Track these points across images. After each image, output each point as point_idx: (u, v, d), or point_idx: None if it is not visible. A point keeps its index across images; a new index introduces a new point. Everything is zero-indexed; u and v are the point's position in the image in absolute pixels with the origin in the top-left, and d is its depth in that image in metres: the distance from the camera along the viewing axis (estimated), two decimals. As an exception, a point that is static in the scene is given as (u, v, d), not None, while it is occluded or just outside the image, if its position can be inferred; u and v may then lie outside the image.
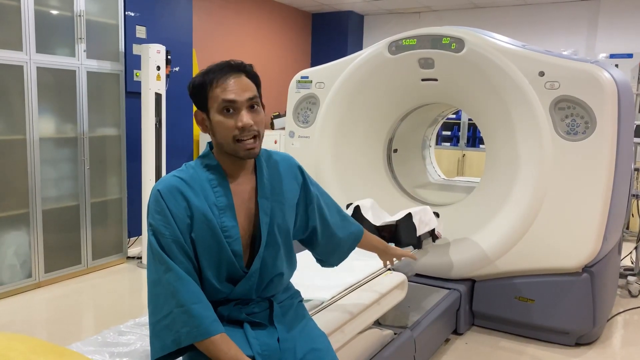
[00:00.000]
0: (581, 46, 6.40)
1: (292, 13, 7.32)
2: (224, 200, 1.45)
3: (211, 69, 1.44)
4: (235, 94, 1.40)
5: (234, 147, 1.42)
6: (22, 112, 3.51)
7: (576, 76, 2.72)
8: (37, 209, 3.63)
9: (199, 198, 1.43)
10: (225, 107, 1.40)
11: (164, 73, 4.16)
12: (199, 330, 1.33)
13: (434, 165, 4.35)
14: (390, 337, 2.34)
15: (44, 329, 3.12)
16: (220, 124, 1.42)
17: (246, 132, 1.41)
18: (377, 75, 3.29)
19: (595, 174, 2.70)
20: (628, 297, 3.73)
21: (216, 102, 1.41)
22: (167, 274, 1.36)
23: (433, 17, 7.25)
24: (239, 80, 1.42)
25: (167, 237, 1.38)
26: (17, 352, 1.06)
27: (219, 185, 1.46)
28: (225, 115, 1.41)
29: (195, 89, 1.45)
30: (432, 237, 2.90)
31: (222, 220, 1.44)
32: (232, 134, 1.41)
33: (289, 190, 1.60)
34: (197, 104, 1.47)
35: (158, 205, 1.40)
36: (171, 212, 1.39)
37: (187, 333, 1.33)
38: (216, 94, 1.41)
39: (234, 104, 1.40)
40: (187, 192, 1.42)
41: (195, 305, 1.35)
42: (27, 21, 3.47)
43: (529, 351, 2.89)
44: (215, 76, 1.42)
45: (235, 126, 1.40)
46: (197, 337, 1.33)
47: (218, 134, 1.44)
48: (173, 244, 1.38)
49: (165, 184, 1.42)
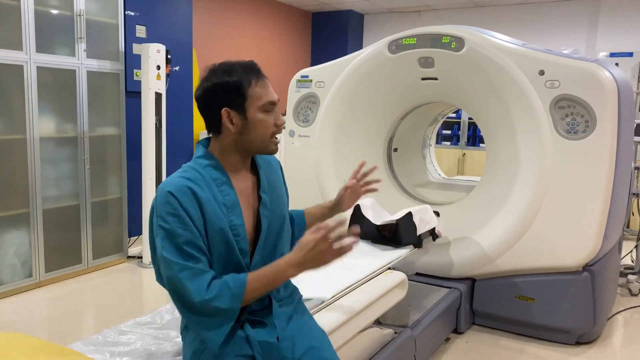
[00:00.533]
0: (581, 45, 6.40)
1: (292, 12, 7.32)
2: (230, 199, 1.47)
3: (235, 68, 1.46)
4: (273, 95, 1.50)
5: (268, 142, 1.50)
6: (22, 112, 3.51)
7: (576, 75, 2.71)
8: (37, 208, 3.63)
9: (208, 198, 1.43)
10: (268, 107, 1.48)
11: (164, 72, 4.16)
12: (239, 282, 1.38)
13: (434, 164, 4.35)
14: (391, 336, 2.34)
15: (45, 329, 3.13)
16: (262, 122, 1.47)
17: (280, 129, 1.53)
18: (377, 75, 3.29)
19: (596, 172, 2.70)
20: (628, 295, 3.73)
21: (259, 101, 1.46)
22: (188, 272, 1.36)
23: (433, 16, 7.25)
24: (268, 82, 1.51)
25: (183, 237, 1.36)
26: (18, 352, 1.06)
27: (224, 184, 1.48)
28: (266, 114, 1.48)
29: (229, 87, 1.44)
30: (433, 236, 2.90)
31: (231, 219, 1.45)
32: (271, 130, 1.50)
33: (280, 185, 1.67)
34: (227, 103, 1.45)
35: (171, 207, 1.37)
36: (188, 213, 1.37)
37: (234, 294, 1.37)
38: (258, 93, 1.46)
39: (274, 105, 1.50)
40: (198, 192, 1.41)
41: (217, 280, 1.39)
42: (27, 21, 3.47)
43: (529, 350, 2.89)
44: (252, 76, 1.46)
45: (275, 124, 1.50)
46: (239, 288, 1.37)
47: (255, 131, 1.47)
48: (190, 245, 1.37)
49: (176, 185, 1.40)
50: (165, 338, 1.76)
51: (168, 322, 1.88)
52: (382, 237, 2.83)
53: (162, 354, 1.65)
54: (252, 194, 1.55)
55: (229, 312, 1.38)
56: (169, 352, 1.66)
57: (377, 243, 2.80)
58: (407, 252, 2.68)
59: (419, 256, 3.09)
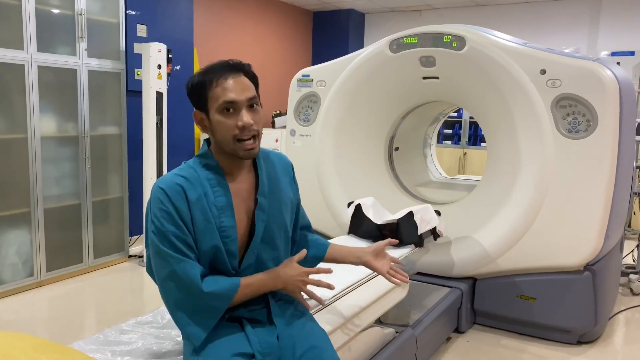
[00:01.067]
0: (583, 44, 6.39)
1: (293, 11, 7.31)
2: (223, 200, 1.46)
3: (210, 68, 1.44)
4: (236, 93, 1.41)
5: (233, 147, 1.43)
6: (23, 111, 3.51)
7: (578, 74, 2.71)
8: (38, 207, 3.64)
9: (199, 197, 1.43)
10: (225, 107, 1.41)
11: (165, 72, 4.16)
12: (230, 285, 1.42)
13: (435, 164, 4.34)
14: (392, 336, 2.34)
15: (46, 328, 3.13)
16: (220, 124, 1.42)
17: (246, 132, 1.42)
18: (378, 74, 3.29)
19: (597, 172, 2.70)
20: (630, 295, 3.73)
21: (216, 102, 1.41)
22: (179, 264, 1.38)
23: (434, 15, 7.24)
24: (238, 80, 1.43)
25: (171, 233, 1.38)
26: (19, 351, 1.06)
27: (218, 184, 1.47)
28: (225, 115, 1.42)
29: (194, 89, 1.45)
30: (434, 235, 2.90)
31: (221, 220, 1.45)
32: (232, 133, 1.41)
33: (285, 189, 1.61)
34: (195, 103, 1.47)
35: (161, 204, 1.40)
36: (177, 209, 1.40)
37: (222, 297, 1.41)
38: (216, 93, 1.41)
39: (234, 104, 1.41)
40: (189, 190, 1.43)
41: (211, 277, 1.43)
42: (28, 20, 3.47)
43: (530, 349, 2.89)
44: (215, 76, 1.42)
45: (236, 125, 1.41)
46: (232, 291, 1.41)
47: (218, 134, 1.44)
48: (178, 240, 1.39)
49: (168, 182, 1.42)
50: (167, 337, 1.76)
51: (169, 321, 1.88)
52: (383, 236, 2.83)
53: (163, 353, 1.65)
54: (249, 196, 1.53)
55: (217, 309, 1.41)
56: (170, 351, 1.66)
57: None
58: (408, 252, 2.68)
59: (420, 255, 3.09)
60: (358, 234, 2.88)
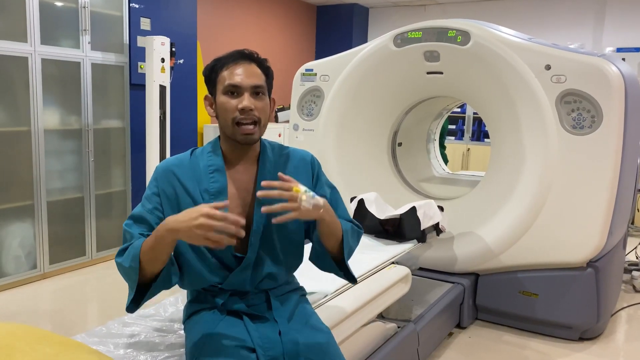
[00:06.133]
0: (588, 39, 6.36)
1: (297, 5, 7.29)
2: (216, 186, 1.48)
3: (225, 55, 1.49)
4: (241, 78, 1.44)
5: (232, 130, 1.45)
6: (26, 104, 3.51)
7: (583, 70, 2.69)
8: (41, 200, 3.64)
9: (191, 182, 1.48)
10: (230, 90, 1.45)
11: (168, 65, 4.15)
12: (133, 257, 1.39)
13: (439, 159, 4.33)
14: (394, 331, 2.34)
15: (49, 320, 3.14)
16: (222, 104, 1.45)
17: (246, 115, 1.43)
18: (382, 68, 3.27)
19: (601, 168, 2.69)
20: (632, 292, 3.72)
21: (222, 85, 1.46)
22: (130, 229, 1.47)
23: (438, 10, 7.21)
24: (248, 67, 1.46)
25: (146, 207, 1.47)
26: (22, 343, 1.07)
27: (215, 171, 1.49)
28: (229, 96, 1.45)
29: (206, 71, 1.51)
30: (436, 231, 2.90)
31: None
32: (232, 115, 1.44)
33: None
34: (208, 87, 1.52)
35: (154, 180, 1.51)
36: (160, 190, 1.48)
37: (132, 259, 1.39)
38: (224, 77, 1.46)
39: (238, 88, 1.44)
40: (180, 175, 1.49)
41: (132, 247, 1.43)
42: (32, 13, 3.46)
43: (532, 345, 2.89)
44: (227, 61, 1.47)
45: (236, 107, 1.43)
46: (134, 262, 1.38)
47: (220, 117, 1.48)
48: (150, 213, 1.46)
49: (164, 164, 1.52)
50: (169, 330, 1.76)
51: (172, 314, 1.89)
52: (386, 231, 2.83)
53: (165, 345, 1.65)
54: (247, 187, 1.52)
55: (130, 276, 1.41)
56: (172, 344, 1.67)
57: (380, 237, 2.80)
58: (410, 247, 2.68)
59: (422, 251, 3.09)
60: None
